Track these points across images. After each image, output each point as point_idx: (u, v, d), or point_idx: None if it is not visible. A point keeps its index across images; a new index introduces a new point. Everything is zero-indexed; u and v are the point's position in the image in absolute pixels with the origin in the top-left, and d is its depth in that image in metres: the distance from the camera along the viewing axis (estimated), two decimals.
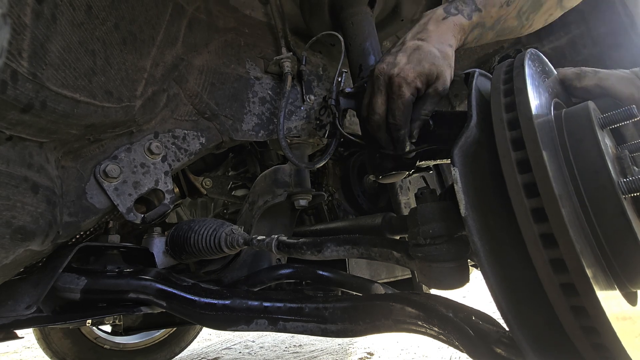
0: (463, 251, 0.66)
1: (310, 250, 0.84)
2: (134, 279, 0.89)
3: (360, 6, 1.12)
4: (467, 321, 0.64)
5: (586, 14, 1.41)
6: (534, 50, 0.65)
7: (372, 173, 0.98)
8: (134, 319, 1.80)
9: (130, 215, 0.87)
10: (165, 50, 0.89)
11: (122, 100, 0.77)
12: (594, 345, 0.47)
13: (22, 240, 0.63)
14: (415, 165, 0.90)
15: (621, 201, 0.49)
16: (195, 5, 0.99)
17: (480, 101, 0.65)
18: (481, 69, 0.76)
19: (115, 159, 0.86)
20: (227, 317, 0.85)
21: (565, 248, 0.45)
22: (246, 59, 1.15)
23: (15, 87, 0.53)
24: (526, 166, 0.49)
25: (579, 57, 1.45)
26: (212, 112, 1.04)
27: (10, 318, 0.77)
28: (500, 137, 0.53)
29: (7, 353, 3.09)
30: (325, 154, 1.05)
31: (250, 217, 1.25)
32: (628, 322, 0.49)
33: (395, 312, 0.74)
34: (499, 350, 0.58)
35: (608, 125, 0.57)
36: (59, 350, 1.92)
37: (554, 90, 0.66)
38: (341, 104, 1.00)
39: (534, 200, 0.48)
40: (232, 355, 2.70)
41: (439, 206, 0.67)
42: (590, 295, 0.44)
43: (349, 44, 1.11)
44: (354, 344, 2.75)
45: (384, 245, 0.78)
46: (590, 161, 0.52)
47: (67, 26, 0.61)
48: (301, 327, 0.83)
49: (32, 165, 0.64)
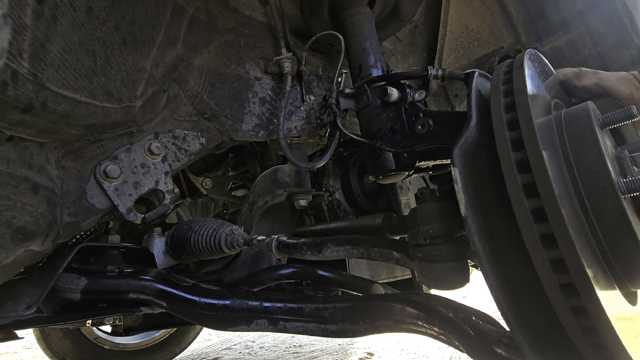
0: (463, 251, 0.66)
1: (311, 251, 0.84)
2: (134, 279, 0.89)
3: (360, 6, 1.12)
4: (468, 321, 0.64)
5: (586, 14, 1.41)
6: (533, 51, 0.65)
7: (372, 173, 0.99)
8: (134, 319, 1.80)
9: (131, 216, 0.87)
10: (166, 51, 0.90)
11: (122, 101, 0.78)
12: (595, 346, 0.47)
13: (22, 240, 0.63)
14: (415, 166, 0.90)
15: (621, 201, 0.49)
16: (195, 5, 0.99)
17: (480, 101, 0.65)
18: (481, 69, 0.76)
19: (115, 159, 0.86)
20: (227, 318, 0.85)
21: (565, 248, 0.45)
22: (246, 59, 1.15)
23: (16, 87, 0.53)
24: (526, 166, 0.49)
25: (579, 57, 1.45)
26: (212, 113, 1.05)
27: (10, 318, 0.77)
28: (500, 137, 0.53)
29: (7, 353, 3.09)
30: (326, 153, 1.05)
31: (251, 217, 1.25)
32: (628, 322, 0.49)
33: (396, 312, 0.74)
34: (499, 350, 0.58)
35: (608, 126, 0.57)
36: (59, 350, 1.92)
37: (554, 90, 0.66)
38: (341, 104, 1.00)
39: (534, 200, 0.48)
40: (232, 356, 2.70)
41: (438, 206, 0.67)
42: (591, 296, 0.44)
43: (348, 44, 1.11)
44: (354, 344, 2.75)
45: (384, 245, 0.78)
46: (590, 161, 0.52)
47: (67, 27, 0.61)
48: (301, 327, 0.83)
49: (32, 166, 0.64)
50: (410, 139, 0.89)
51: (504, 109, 0.55)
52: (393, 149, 0.90)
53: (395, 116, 0.92)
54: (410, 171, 0.93)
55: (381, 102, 0.95)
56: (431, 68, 0.88)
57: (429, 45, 1.57)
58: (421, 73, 0.90)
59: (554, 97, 0.64)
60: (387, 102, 0.93)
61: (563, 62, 1.45)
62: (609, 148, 0.56)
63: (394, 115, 0.93)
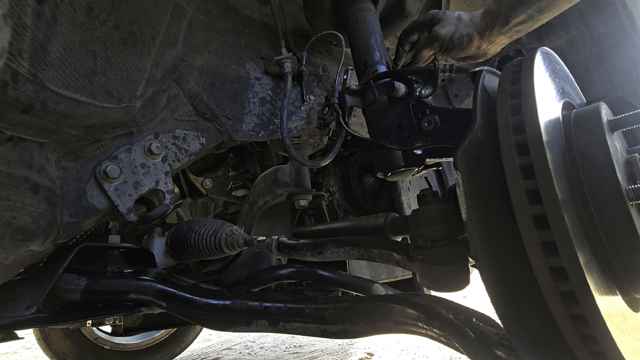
0: (464, 254, 0.66)
1: (311, 252, 0.84)
2: (134, 280, 0.89)
3: (364, 3, 1.11)
4: (468, 323, 0.63)
5: (586, 14, 1.41)
6: (544, 49, 0.62)
7: (380, 170, 0.97)
8: (134, 319, 1.80)
9: (131, 216, 0.87)
10: (166, 51, 0.89)
11: (122, 101, 0.77)
12: (593, 354, 0.46)
13: (22, 240, 0.63)
14: (424, 162, 0.89)
15: (627, 208, 0.48)
16: (195, 5, 0.99)
17: (486, 100, 0.64)
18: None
19: (115, 159, 0.86)
20: (227, 318, 0.85)
21: (566, 257, 0.44)
22: (246, 59, 1.15)
23: (16, 87, 0.53)
24: (530, 172, 0.48)
25: (579, 56, 1.45)
26: (212, 113, 1.04)
27: (10, 318, 0.77)
28: (504, 141, 0.52)
29: (7, 354, 3.09)
30: (330, 152, 1.04)
31: (251, 218, 1.25)
32: (629, 329, 0.49)
33: (396, 313, 0.74)
34: (500, 352, 0.58)
35: (619, 128, 0.55)
36: (59, 350, 1.92)
37: (564, 90, 0.64)
38: (347, 101, 0.99)
39: (537, 207, 0.47)
40: (232, 356, 2.70)
41: (440, 209, 0.66)
42: (591, 304, 0.43)
43: (353, 42, 1.10)
44: (354, 345, 2.75)
45: (384, 247, 0.77)
46: (598, 166, 0.50)
47: (67, 27, 0.61)
48: (301, 328, 0.83)
49: (32, 166, 0.64)
50: (418, 134, 0.87)
51: (510, 111, 0.54)
52: (399, 147, 0.89)
53: (402, 112, 0.91)
54: (420, 167, 0.92)
55: (388, 98, 0.94)
56: (438, 63, 0.87)
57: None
58: (428, 68, 0.88)
59: (564, 96, 0.62)
60: (394, 98, 0.92)
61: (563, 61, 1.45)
62: (619, 151, 0.54)
63: (401, 111, 0.91)
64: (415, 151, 0.88)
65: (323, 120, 1.12)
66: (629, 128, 0.55)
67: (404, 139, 0.90)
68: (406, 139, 0.89)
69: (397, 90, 0.89)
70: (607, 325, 0.42)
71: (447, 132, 0.82)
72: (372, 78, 0.95)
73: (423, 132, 0.86)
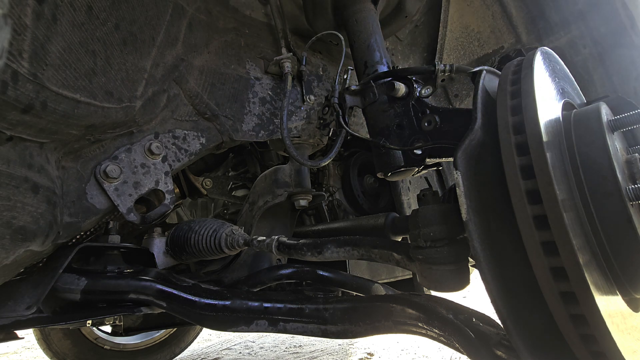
0: (464, 254, 0.65)
1: (311, 252, 0.84)
2: (134, 280, 0.89)
3: (364, 3, 1.11)
4: (468, 323, 0.63)
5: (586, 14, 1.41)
6: (544, 49, 0.62)
7: (381, 170, 0.96)
8: (134, 319, 1.80)
9: (131, 216, 0.87)
10: (166, 51, 0.89)
11: (122, 101, 0.77)
12: (593, 353, 0.46)
13: (22, 240, 0.63)
14: (424, 162, 0.89)
15: (627, 208, 0.48)
16: (195, 5, 0.99)
17: (486, 100, 0.64)
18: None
19: (115, 159, 0.86)
20: (227, 318, 0.85)
21: (566, 257, 0.44)
22: (246, 59, 1.15)
23: (16, 87, 0.53)
24: (530, 172, 0.48)
25: (579, 56, 1.45)
26: (212, 113, 1.04)
27: (10, 318, 0.77)
28: (504, 141, 0.52)
29: (7, 354, 3.09)
30: (330, 152, 1.04)
31: (251, 218, 1.25)
32: (629, 329, 0.49)
33: (396, 313, 0.74)
34: (500, 352, 0.58)
35: (620, 128, 0.55)
36: (59, 351, 1.92)
37: (564, 90, 0.64)
38: (347, 101, 0.99)
39: (537, 207, 0.47)
40: (232, 356, 2.70)
41: (440, 209, 0.66)
42: (591, 305, 0.43)
43: (353, 42, 1.10)
44: (354, 345, 2.75)
45: (384, 247, 0.77)
46: (598, 166, 0.50)
47: (67, 27, 0.61)
48: (301, 328, 0.83)
49: (32, 166, 0.64)
50: (418, 134, 0.87)
51: (510, 111, 0.54)
52: (399, 147, 0.89)
53: (402, 112, 0.91)
54: (420, 167, 0.92)
55: (388, 98, 0.94)
56: (438, 63, 0.87)
57: (429, 45, 1.57)
58: (428, 68, 0.88)
59: (564, 96, 0.62)
60: (394, 98, 0.92)
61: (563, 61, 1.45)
62: (619, 151, 0.54)
63: (401, 111, 0.91)
64: (415, 151, 0.88)
65: (323, 120, 1.12)
66: (629, 128, 0.55)
67: (404, 138, 0.90)
68: (406, 138, 0.89)
69: (397, 90, 0.89)
70: (607, 325, 0.42)
71: (447, 132, 0.82)
72: (372, 78, 0.95)
73: (423, 132, 0.86)
